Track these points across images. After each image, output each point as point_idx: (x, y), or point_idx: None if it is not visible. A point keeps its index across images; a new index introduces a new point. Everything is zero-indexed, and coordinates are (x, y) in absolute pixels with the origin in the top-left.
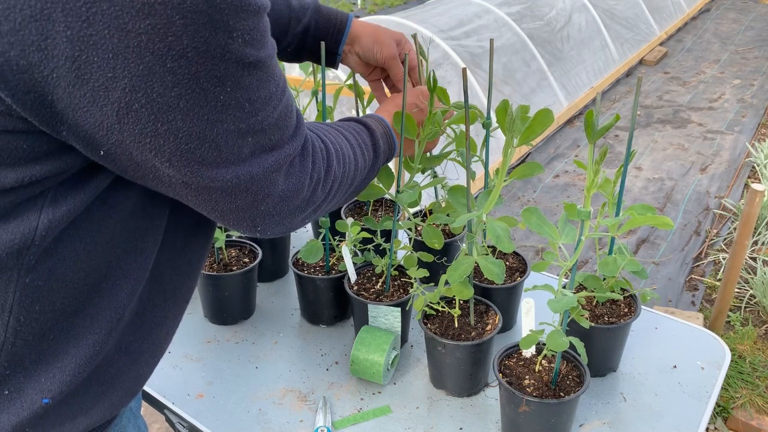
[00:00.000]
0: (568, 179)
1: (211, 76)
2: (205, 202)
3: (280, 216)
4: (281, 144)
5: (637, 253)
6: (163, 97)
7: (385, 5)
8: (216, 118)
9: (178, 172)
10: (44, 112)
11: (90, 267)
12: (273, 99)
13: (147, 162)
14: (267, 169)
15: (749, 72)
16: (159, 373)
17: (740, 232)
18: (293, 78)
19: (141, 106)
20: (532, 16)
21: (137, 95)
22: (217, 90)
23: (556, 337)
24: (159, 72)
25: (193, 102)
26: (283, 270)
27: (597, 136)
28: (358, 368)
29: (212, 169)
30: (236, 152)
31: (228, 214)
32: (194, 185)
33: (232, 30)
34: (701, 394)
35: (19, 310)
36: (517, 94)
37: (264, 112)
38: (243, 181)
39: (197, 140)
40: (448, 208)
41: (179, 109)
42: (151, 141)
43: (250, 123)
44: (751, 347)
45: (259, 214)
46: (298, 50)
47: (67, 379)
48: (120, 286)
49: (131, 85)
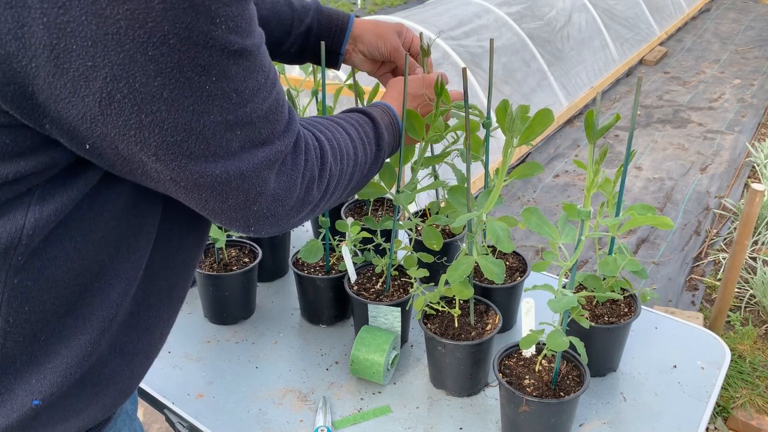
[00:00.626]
0: (568, 179)
1: (194, 65)
2: (196, 200)
3: (274, 217)
4: (272, 139)
5: (637, 253)
6: (146, 86)
7: (385, 5)
8: (202, 108)
9: (165, 166)
10: (25, 104)
11: (81, 267)
12: (262, 90)
13: (134, 156)
14: (257, 166)
15: (749, 72)
16: (159, 373)
17: (740, 232)
18: (293, 78)
19: (123, 96)
20: (532, 16)
21: (119, 85)
22: (202, 79)
23: (556, 337)
24: (140, 60)
25: (177, 92)
26: (283, 270)
27: (597, 135)
28: (358, 368)
29: (200, 164)
30: (224, 146)
31: (220, 213)
32: (183, 181)
33: (214, 16)
34: (701, 394)
35: (8, 311)
36: (517, 94)
37: (253, 104)
38: (233, 178)
39: (183, 132)
40: (448, 208)
41: (163, 99)
42: (135, 133)
43: (239, 115)
44: (751, 347)
45: (252, 215)
46: (301, 51)
47: (58, 380)
48: (113, 285)
49: (112, 74)
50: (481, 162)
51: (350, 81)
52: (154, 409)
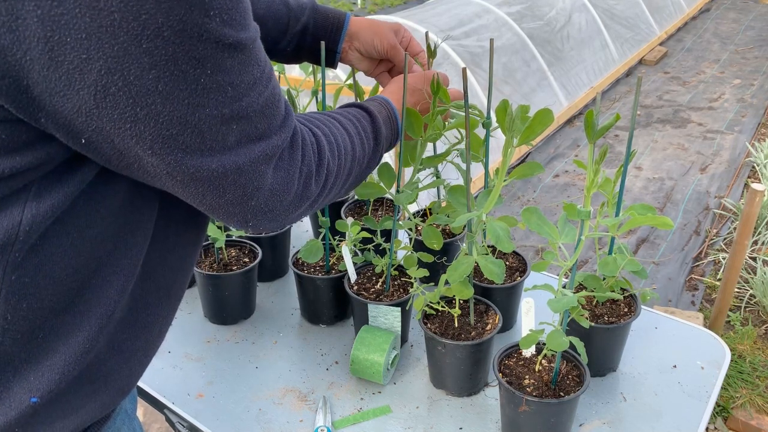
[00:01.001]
0: (568, 179)
1: (189, 58)
2: (193, 195)
3: (272, 212)
4: (269, 134)
5: (637, 253)
6: (141, 79)
7: (385, 5)
8: (197, 102)
9: (161, 160)
10: (21, 98)
11: (78, 263)
12: (258, 84)
13: (129, 150)
14: (254, 160)
15: (749, 72)
16: (159, 373)
17: (740, 232)
18: (293, 78)
19: (118, 89)
20: (532, 16)
21: (113, 77)
22: (196, 72)
23: (556, 336)
24: (135, 53)
25: (172, 85)
26: (283, 270)
27: (597, 135)
28: (358, 368)
29: (196, 158)
30: (220, 140)
31: (218, 208)
32: (179, 176)
33: (208, 8)
34: (701, 394)
35: (5, 308)
36: (517, 94)
37: (249, 98)
38: (230, 172)
39: (179, 125)
40: (448, 207)
41: (158, 92)
42: (131, 126)
43: (234, 108)
44: (751, 347)
45: (250, 210)
46: (298, 50)
47: (56, 377)
48: (110, 282)
49: (107, 67)
50: (481, 162)
51: (350, 81)
52: (154, 409)
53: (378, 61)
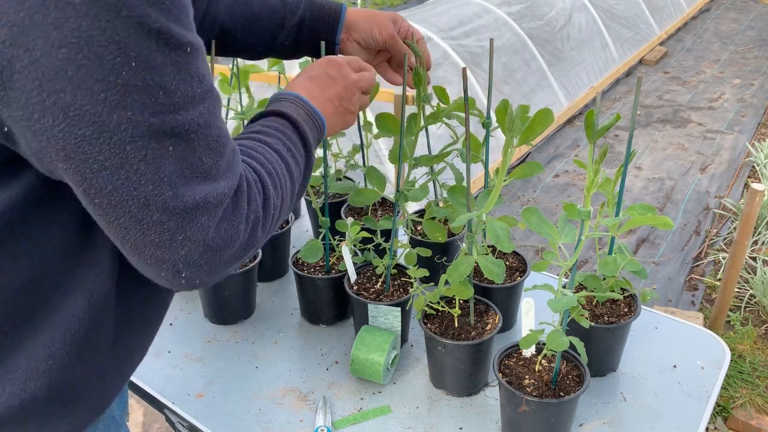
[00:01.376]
0: (568, 179)
1: (107, 40)
2: (114, 226)
3: (210, 266)
4: (215, 176)
5: (637, 253)
6: (48, 57)
7: (385, 5)
8: (116, 100)
9: (76, 170)
10: None
11: (33, 274)
12: (198, 103)
13: (44, 150)
14: (194, 206)
15: (749, 72)
16: (159, 373)
17: (740, 232)
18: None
19: (23, 66)
20: (532, 16)
21: (18, 51)
22: (117, 61)
23: (556, 336)
24: (41, 23)
25: (84, 71)
26: (283, 270)
27: (597, 135)
28: (358, 368)
29: (115, 176)
30: (150, 161)
31: (143, 249)
32: (96, 197)
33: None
34: (701, 394)
35: None
36: (517, 94)
37: (185, 113)
38: (156, 209)
39: (92, 126)
40: (448, 208)
41: (68, 78)
42: (39, 118)
43: (167, 121)
44: (751, 347)
45: (181, 260)
46: (296, 44)
47: (17, 391)
48: (74, 298)
49: (11, 38)
50: (481, 162)
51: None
52: (154, 409)
53: (377, 51)
